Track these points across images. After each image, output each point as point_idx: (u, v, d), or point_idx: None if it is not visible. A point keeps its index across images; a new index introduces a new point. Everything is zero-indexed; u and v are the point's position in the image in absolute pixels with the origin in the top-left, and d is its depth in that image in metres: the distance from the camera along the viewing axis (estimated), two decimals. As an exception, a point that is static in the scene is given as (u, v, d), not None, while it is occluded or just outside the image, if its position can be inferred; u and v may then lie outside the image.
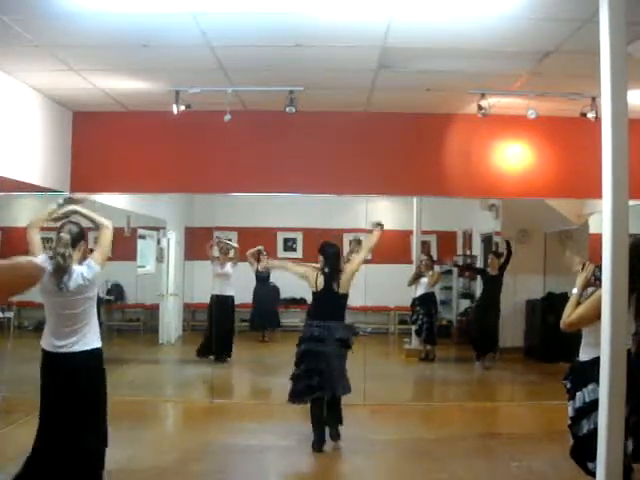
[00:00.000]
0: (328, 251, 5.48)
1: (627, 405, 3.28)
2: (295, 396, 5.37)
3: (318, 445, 5.27)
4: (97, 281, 3.83)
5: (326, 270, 5.40)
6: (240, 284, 9.54)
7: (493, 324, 8.79)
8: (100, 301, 4.09)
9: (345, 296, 5.47)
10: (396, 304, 10.50)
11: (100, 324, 3.99)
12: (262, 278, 10.01)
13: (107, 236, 3.94)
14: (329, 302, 5.40)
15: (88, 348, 3.76)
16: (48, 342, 3.76)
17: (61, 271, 3.65)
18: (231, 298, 9.21)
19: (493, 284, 8.85)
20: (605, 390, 3.26)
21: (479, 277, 9.53)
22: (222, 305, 9.04)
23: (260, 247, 7.97)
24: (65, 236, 3.71)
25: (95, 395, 3.81)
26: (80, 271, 3.73)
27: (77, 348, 3.72)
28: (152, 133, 7.03)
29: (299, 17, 4.41)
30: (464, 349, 9.40)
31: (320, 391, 5.25)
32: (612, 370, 3.22)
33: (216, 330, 8.75)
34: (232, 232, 10.51)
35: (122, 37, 4.79)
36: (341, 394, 5.43)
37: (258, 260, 9.87)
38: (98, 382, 3.85)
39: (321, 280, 5.39)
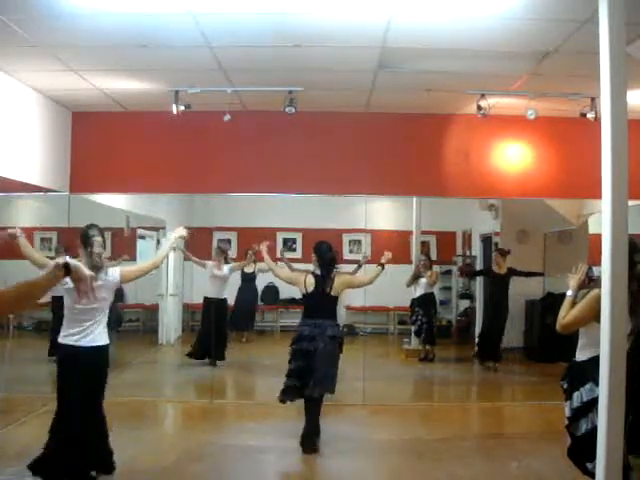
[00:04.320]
0: (324, 255, 5.47)
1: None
2: (283, 394, 5.39)
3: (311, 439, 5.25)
4: (113, 289, 4.31)
5: (318, 272, 5.44)
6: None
7: (499, 328, 8.66)
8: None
9: (336, 298, 5.49)
10: (395, 304, 10.49)
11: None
12: (248, 279, 9.79)
13: (149, 267, 4.62)
14: (319, 301, 5.42)
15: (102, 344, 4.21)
16: (69, 338, 4.16)
17: (96, 269, 4.00)
18: (225, 301, 9.05)
19: (499, 284, 8.76)
20: (605, 390, 3.26)
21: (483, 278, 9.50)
22: (218, 308, 8.84)
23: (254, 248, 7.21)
24: (99, 239, 4.19)
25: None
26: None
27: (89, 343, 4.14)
28: (152, 133, 7.03)
29: (299, 17, 4.42)
30: (464, 349, 9.39)
31: (306, 390, 5.24)
32: (612, 370, 3.22)
33: (215, 333, 8.60)
34: (232, 232, 10.51)
35: (122, 37, 4.80)
36: (317, 395, 5.30)
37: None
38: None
39: (312, 281, 5.42)
